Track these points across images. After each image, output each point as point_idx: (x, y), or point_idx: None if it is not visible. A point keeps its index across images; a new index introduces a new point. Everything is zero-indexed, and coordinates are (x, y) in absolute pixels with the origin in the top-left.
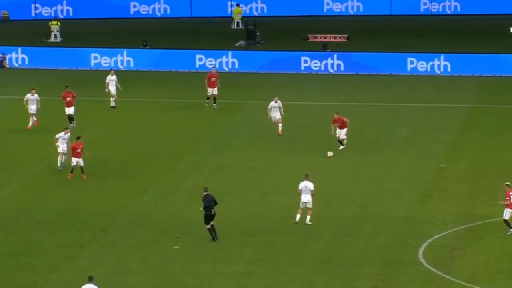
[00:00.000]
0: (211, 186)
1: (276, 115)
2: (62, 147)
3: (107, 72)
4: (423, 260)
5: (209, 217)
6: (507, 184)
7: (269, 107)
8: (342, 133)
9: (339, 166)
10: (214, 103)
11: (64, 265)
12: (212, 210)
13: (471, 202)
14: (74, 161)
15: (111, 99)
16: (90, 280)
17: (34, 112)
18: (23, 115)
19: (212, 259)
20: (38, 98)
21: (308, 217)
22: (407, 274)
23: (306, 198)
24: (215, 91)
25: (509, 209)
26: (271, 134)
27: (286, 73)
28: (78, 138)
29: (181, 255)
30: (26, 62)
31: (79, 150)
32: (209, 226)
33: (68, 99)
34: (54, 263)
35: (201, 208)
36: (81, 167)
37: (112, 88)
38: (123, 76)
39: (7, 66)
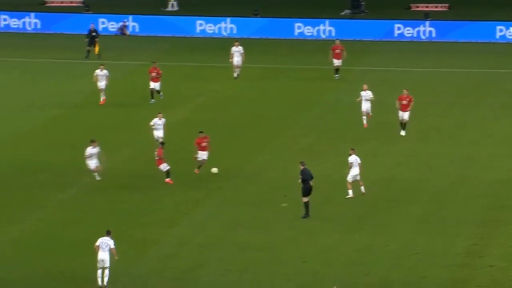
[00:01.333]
0: (318, 149)
1: (367, 107)
2: (156, 134)
3: (211, 40)
4: None
5: (307, 190)
6: None
7: (360, 97)
8: (405, 115)
9: (438, 129)
10: (337, 74)
11: (180, 220)
12: (310, 183)
13: None
14: (201, 155)
15: (235, 69)
16: (108, 233)
17: (103, 88)
18: (138, 82)
19: (317, 217)
20: (108, 74)
21: (362, 187)
22: (504, 233)
23: (356, 171)
24: (340, 62)
25: None
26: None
27: (384, 41)
28: (201, 132)
29: (289, 212)
30: (137, 30)
31: (204, 144)
32: (306, 200)
33: (154, 74)
34: (171, 218)
35: (299, 181)
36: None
37: (236, 59)
38: (228, 43)
39: (128, 33)
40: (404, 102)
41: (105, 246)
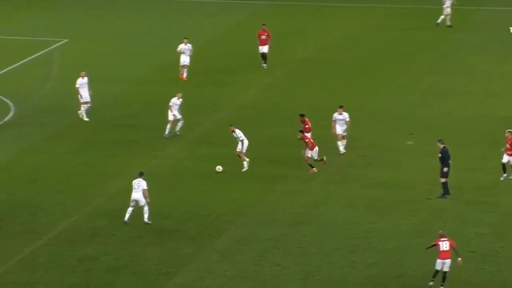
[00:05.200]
0: (440, 88)
1: None
2: (171, 115)
3: None
4: None
5: (447, 172)
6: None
7: None
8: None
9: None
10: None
11: None
12: (449, 162)
13: None
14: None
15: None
16: (141, 175)
17: (185, 64)
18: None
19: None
20: (191, 48)
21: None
22: None
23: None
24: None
25: None
26: (503, 37)
27: None
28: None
29: (415, 150)
30: None
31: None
32: (444, 180)
33: (263, 37)
34: (299, 156)
35: (439, 155)
36: None
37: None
38: None
39: None
40: (508, 145)
41: (137, 186)
